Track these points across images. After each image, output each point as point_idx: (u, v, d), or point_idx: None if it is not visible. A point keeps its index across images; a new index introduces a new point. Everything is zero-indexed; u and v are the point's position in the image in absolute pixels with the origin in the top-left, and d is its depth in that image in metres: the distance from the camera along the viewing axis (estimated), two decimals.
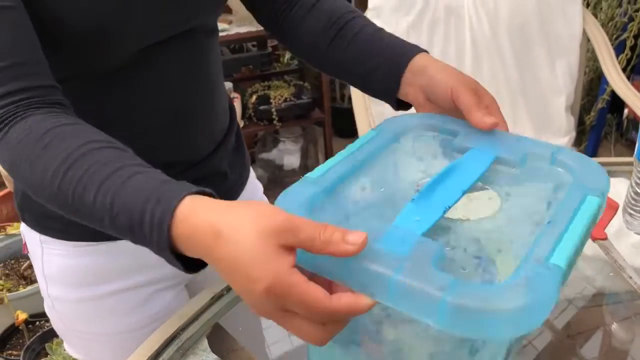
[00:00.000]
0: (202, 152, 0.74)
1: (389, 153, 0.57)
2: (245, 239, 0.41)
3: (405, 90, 0.65)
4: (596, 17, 2.08)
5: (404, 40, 0.68)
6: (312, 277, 0.42)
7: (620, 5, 2.05)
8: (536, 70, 1.60)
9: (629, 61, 2.10)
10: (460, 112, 0.59)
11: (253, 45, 2.60)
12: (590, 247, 0.75)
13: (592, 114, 2.21)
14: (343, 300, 0.40)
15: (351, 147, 0.56)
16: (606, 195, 0.51)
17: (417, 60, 0.64)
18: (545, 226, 0.45)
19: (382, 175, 0.55)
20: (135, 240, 0.47)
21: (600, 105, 2.17)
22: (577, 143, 2.23)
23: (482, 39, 1.59)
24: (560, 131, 1.63)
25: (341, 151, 0.55)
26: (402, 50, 0.66)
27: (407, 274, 0.40)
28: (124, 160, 0.49)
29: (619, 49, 2.08)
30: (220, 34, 1.95)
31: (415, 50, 0.65)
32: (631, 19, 2.05)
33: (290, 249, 0.41)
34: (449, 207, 0.48)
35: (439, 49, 1.60)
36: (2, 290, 1.54)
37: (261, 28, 0.81)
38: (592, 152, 2.26)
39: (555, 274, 0.41)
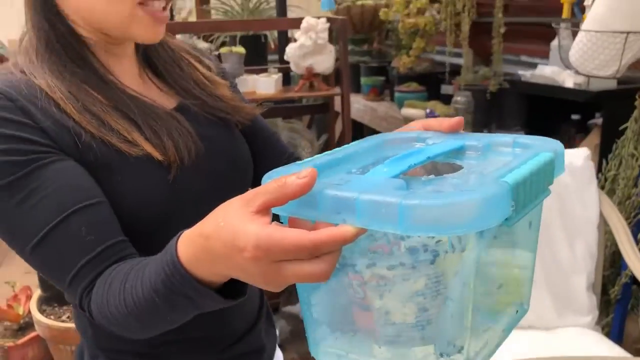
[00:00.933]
0: (237, 332, 0.80)
1: (371, 152, 0.64)
2: (225, 224, 0.48)
3: None
4: (614, 194, 2.17)
5: None
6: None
7: (635, 185, 2.14)
8: (555, 251, 1.66)
9: None
10: None
11: None
12: None
13: (616, 287, 2.21)
14: (324, 230, 0.45)
15: (333, 150, 0.63)
16: (561, 157, 0.58)
17: None
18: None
19: (363, 164, 0.61)
20: (176, 296, 0.54)
21: (624, 279, 2.18)
22: (603, 316, 2.21)
23: None
24: (582, 310, 1.64)
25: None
26: None
27: (371, 194, 0.45)
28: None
29: (638, 226, 2.14)
30: None
31: None
32: None
33: (262, 212, 0.47)
34: (414, 165, 0.55)
35: None
36: None
37: None
38: (619, 327, 2.22)
39: (502, 187, 0.46)
